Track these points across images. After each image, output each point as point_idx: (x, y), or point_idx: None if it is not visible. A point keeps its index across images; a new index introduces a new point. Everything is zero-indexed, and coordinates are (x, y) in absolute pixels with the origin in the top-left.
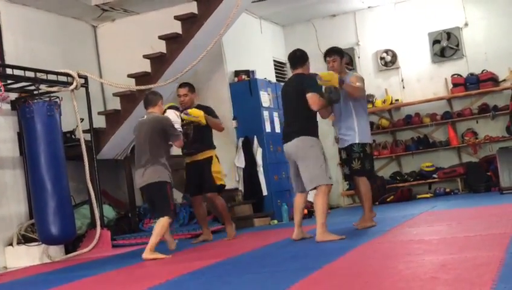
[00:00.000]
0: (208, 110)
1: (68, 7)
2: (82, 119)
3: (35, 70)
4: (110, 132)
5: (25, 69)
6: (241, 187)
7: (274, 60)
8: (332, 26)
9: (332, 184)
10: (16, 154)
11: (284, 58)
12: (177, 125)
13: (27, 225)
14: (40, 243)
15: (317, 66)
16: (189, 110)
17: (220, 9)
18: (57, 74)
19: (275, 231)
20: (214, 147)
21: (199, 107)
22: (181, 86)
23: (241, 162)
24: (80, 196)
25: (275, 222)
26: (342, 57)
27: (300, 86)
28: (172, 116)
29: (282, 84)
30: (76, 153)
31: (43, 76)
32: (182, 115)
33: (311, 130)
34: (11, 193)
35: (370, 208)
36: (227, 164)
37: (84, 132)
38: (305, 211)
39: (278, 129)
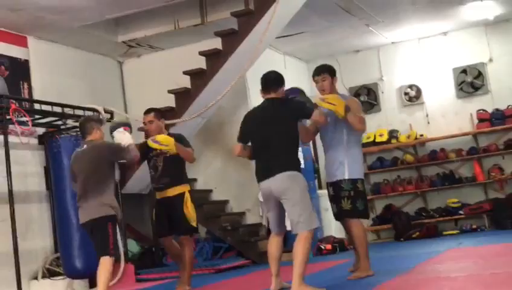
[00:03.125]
0: (179, 138)
1: (95, 44)
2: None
3: (63, 106)
4: (134, 167)
5: (52, 104)
6: (264, 222)
7: None
8: (356, 62)
9: (317, 227)
10: (42, 189)
11: (309, 93)
12: (126, 141)
13: (52, 258)
14: (65, 276)
15: None
16: (157, 137)
17: (244, 45)
18: (84, 109)
19: None
20: (186, 182)
21: (172, 135)
22: (146, 112)
23: None
24: None
25: None
26: (332, 76)
27: (287, 112)
28: (119, 136)
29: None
30: None
31: (70, 111)
32: (149, 142)
33: (297, 164)
34: (37, 227)
35: (366, 254)
36: (250, 198)
37: None
38: (329, 246)
39: (301, 165)
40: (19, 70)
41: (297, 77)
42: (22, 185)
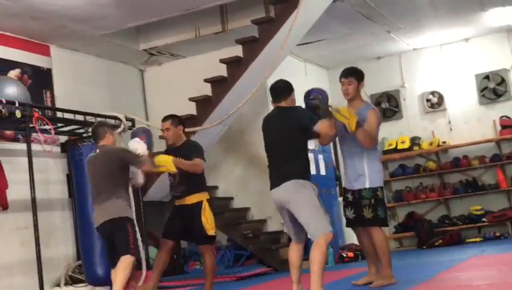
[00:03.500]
0: (190, 148)
1: (117, 52)
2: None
3: (85, 114)
4: (155, 174)
5: (74, 112)
6: (285, 230)
7: None
8: (377, 69)
9: (332, 232)
10: (64, 196)
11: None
12: (141, 151)
13: (74, 266)
14: (87, 284)
15: None
16: (156, 159)
17: (265, 53)
18: (105, 116)
19: None
20: (205, 190)
21: (185, 144)
22: (163, 119)
23: None
24: None
25: None
26: (360, 81)
27: (291, 121)
28: (134, 145)
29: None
30: None
31: (92, 119)
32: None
33: (303, 172)
34: (60, 234)
35: (388, 262)
36: (271, 206)
37: None
38: (351, 253)
39: (323, 171)
40: (42, 79)
41: (318, 83)
42: (44, 192)
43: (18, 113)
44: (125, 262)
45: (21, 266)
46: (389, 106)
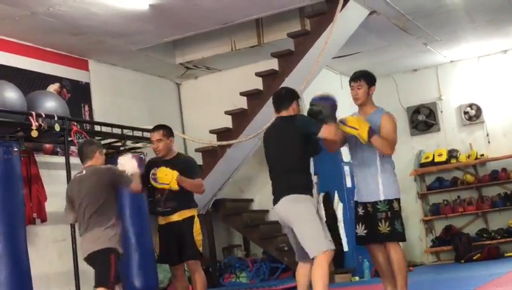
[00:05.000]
0: (188, 165)
1: (154, 66)
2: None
3: (122, 127)
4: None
5: (112, 126)
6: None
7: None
8: (413, 81)
9: (334, 249)
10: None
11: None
12: (129, 169)
13: None
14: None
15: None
16: (158, 173)
17: (300, 66)
18: (142, 130)
19: (356, 288)
20: (195, 206)
21: (178, 158)
22: (154, 129)
23: (322, 217)
24: None
25: (356, 278)
26: (370, 85)
27: (291, 131)
28: (124, 162)
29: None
30: None
31: (129, 132)
32: (151, 179)
33: (303, 186)
34: None
35: (405, 282)
36: None
37: None
38: None
39: (349, 184)
40: (80, 93)
41: None
42: None
43: (57, 127)
44: None
45: (58, 278)
46: (426, 118)
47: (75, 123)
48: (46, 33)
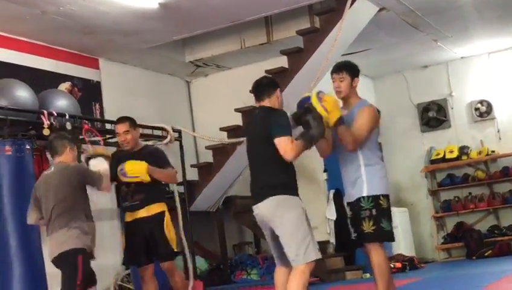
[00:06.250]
0: (157, 156)
1: (164, 64)
2: (176, 172)
3: None
4: (202, 184)
5: None
6: (332, 240)
7: None
8: (424, 78)
9: (320, 258)
10: (113, 206)
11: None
12: (101, 169)
13: (123, 275)
14: None
15: (408, 120)
16: (125, 166)
17: (310, 63)
18: (153, 128)
19: (366, 284)
20: (165, 200)
21: (145, 149)
22: (119, 120)
23: (332, 214)
24: None
25: (367, 275)
26: (354, 77)
27: (267, 126)
28: (95, 164)
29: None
30: (170, 205)
31: (140, 130)
32: (120, 177)
33: (288, 185)
34: (109, 244)
35: (386, 287)
36: (318, 216)
37: (178, 184)
38: (399, 264)
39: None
40: (91, 91)
41: (363, 94)
42: (94, 202)
43: (69, 125)
44: None
45: None
46: (436, 115)
47: (86, 121)
48: (57, 32)
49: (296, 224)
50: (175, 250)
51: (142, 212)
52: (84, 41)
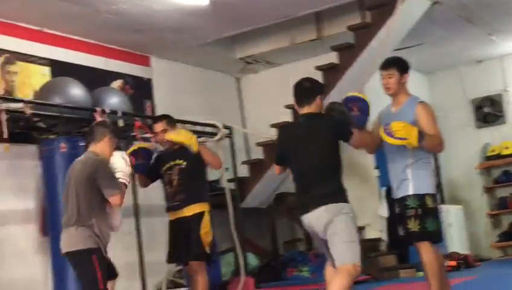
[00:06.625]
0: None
1: (214, 61)
2: (227, 169)
3: (183, 122)
4: (253, 181)
5: None
6: (384, 237)
7: None
8: (478, 72)
9: (360, 267)
10: (164, 202)
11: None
12: (120, 174)
13: (175, 270)
14: (188, 289)
15: (462, 116)
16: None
17: (361, 59)
18: (203, 125)
19: (420, 283)
20: (207, 200)
21: (185, 147)
22: (157, 119)
23: (384, 212)
24: (224, 243)
25: (421, 273)
26: (403, 73)
27: (323, 132)
28: (118, 161)
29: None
30: (221, 202)
31: (190, 127)
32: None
33: (340, 193)
34: (160, 239)
35: (439, 287)
36: (370, 213)
37: (229, 181)
38: (453, 262)
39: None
40: (143, 89)
41: (416, 89)
42: (145, 198)
43: (120, 122)
44: None
45: (123, 271)
46: (492, 110)
47: (138, 119)
48: (109, 31)
49: (347, 232)
50: (207, 252)
51: (184, 212)
52: (136, 39)
